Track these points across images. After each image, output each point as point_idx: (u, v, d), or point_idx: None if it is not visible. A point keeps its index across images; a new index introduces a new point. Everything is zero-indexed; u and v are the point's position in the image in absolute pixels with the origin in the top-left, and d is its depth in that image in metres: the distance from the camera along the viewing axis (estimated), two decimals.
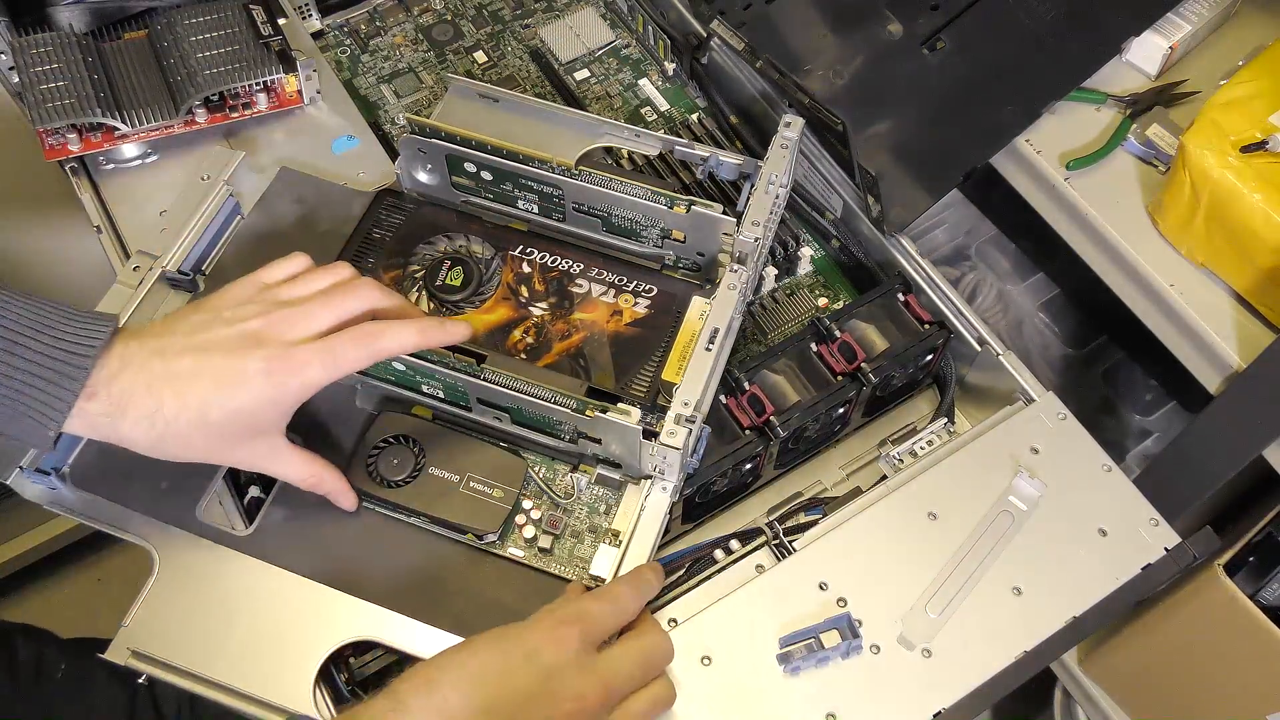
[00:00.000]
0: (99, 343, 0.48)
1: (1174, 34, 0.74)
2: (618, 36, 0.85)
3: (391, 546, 0.57)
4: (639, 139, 0.65)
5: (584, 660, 0.49)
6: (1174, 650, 0.84)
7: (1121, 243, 0.69)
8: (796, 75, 0.70)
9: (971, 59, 0.72)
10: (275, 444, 0.53)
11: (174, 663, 0.53)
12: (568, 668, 0.48)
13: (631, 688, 0.50)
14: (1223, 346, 0.65)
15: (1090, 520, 0.58)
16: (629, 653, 0.51)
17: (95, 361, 0.48)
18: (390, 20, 0.87)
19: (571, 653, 0.48)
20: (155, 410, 0.49)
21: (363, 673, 0.55)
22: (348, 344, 0.51)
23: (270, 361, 0.50)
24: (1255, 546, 0.76)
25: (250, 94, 0.72)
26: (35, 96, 0.68)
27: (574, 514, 0.58)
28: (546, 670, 0.48)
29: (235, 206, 0.68)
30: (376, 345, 0.52)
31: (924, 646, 0.54)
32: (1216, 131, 0.64)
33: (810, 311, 0.71)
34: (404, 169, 0.67)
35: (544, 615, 0.50)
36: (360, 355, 0.52)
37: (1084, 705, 0.98)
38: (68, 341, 0.48)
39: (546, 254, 0.65)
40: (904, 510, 0.58)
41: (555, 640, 0.49)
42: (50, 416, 0.47)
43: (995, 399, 0.65)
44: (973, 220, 1.02)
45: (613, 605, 0.52)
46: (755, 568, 0.57)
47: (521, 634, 0.49)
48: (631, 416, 0.54)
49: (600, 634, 0.50)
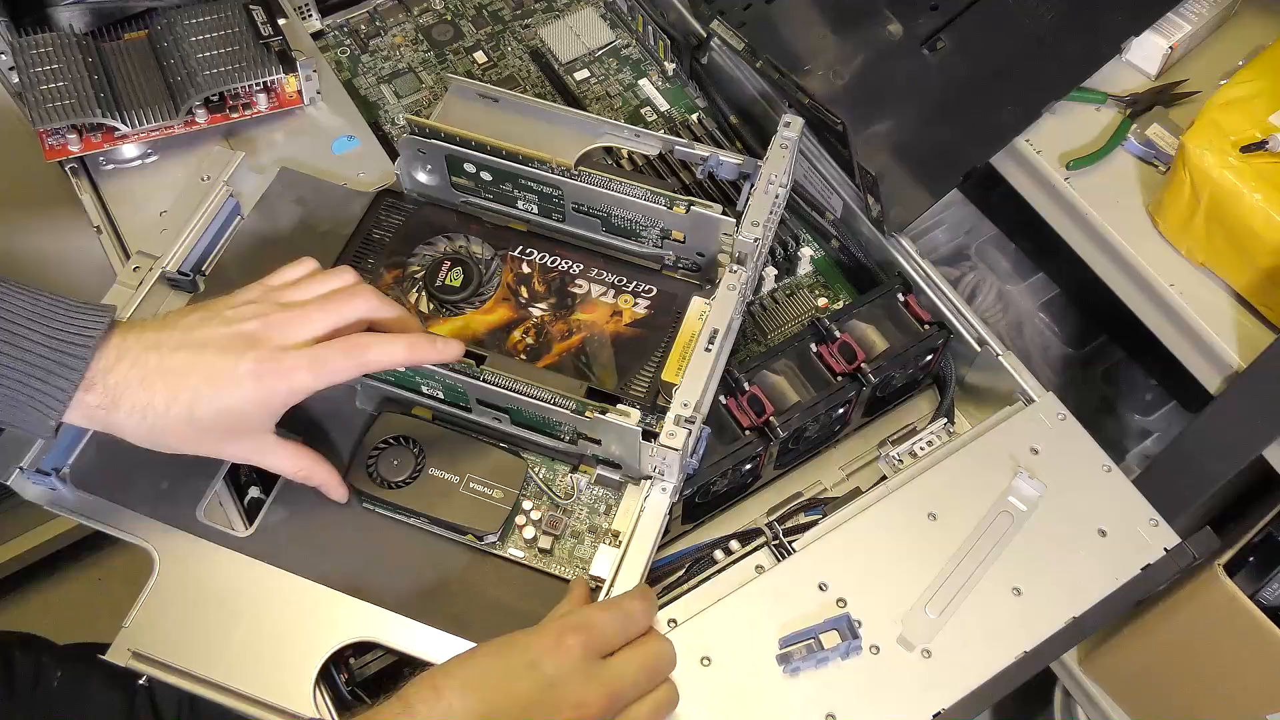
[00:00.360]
0: (97, 333, 0.49)
1: (1174, 34, 0.74)
2: (618, 36, 0.85)
3: (391, 547, 0.57)
4: (639, 139, 0.65)
5: (587, 668, 0.49)
6: (1174, 650, 0.84)
7: (1121, 243, 0.69)
8: (796, 75, 0.70)
9: (971, 59, 0.72)
10: (264, 439, 0.54)
11: (174, 663, 0.53)
12: (571, 676, 0.48)
13: (635, 695, 0.50)
14: (1223, 346, 0.65)
15: (1090, 520, 0.58)
16: (633, 660, 0.51)
17: (94, 352, 0.49)
18: (390, 20, 0.87)
19: (575, 661, 0.48)
20: (147, 403, 0.50)
21: (363, 673, 0.55)
22: (336, 354, 0.52)
23: (260, 364, 0.50)
24: (1255, 546, 0.76)
25: (250, 94, 0.72)
26: (35, 97, 0.68)
27: (574, 514, 0.58)
28: (550, 678, 0.48)
29: (235, 207, 0.68)
30: (364, 357, 0.53)
31: (924, 647, 0.54)
32: (1216, 131, 0.64)
33: (810, 311, 0.71)
34: (404, 169, 0.67)
35: (550, 623, 0.51)
36: (347, 366, 0.52)
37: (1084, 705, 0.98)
38: (67, 332, 0.49)
39: (546, 254, 0.65)
40: (904, 511, 0.58)
41: (559, 648, 0.49)
42: (51, 406, 0.48)
43: (995, 399, 0.65)
44: (973, 220, 1.01)
45: (622, 616, 0.52)
46: (755, 568, 0.57)
47: (526, 641, 0.49)
48: (631, 417, 0.54)
49: (605, 644, 0.50)
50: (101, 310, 0.50)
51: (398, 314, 0.56)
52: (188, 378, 0.50)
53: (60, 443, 0.58)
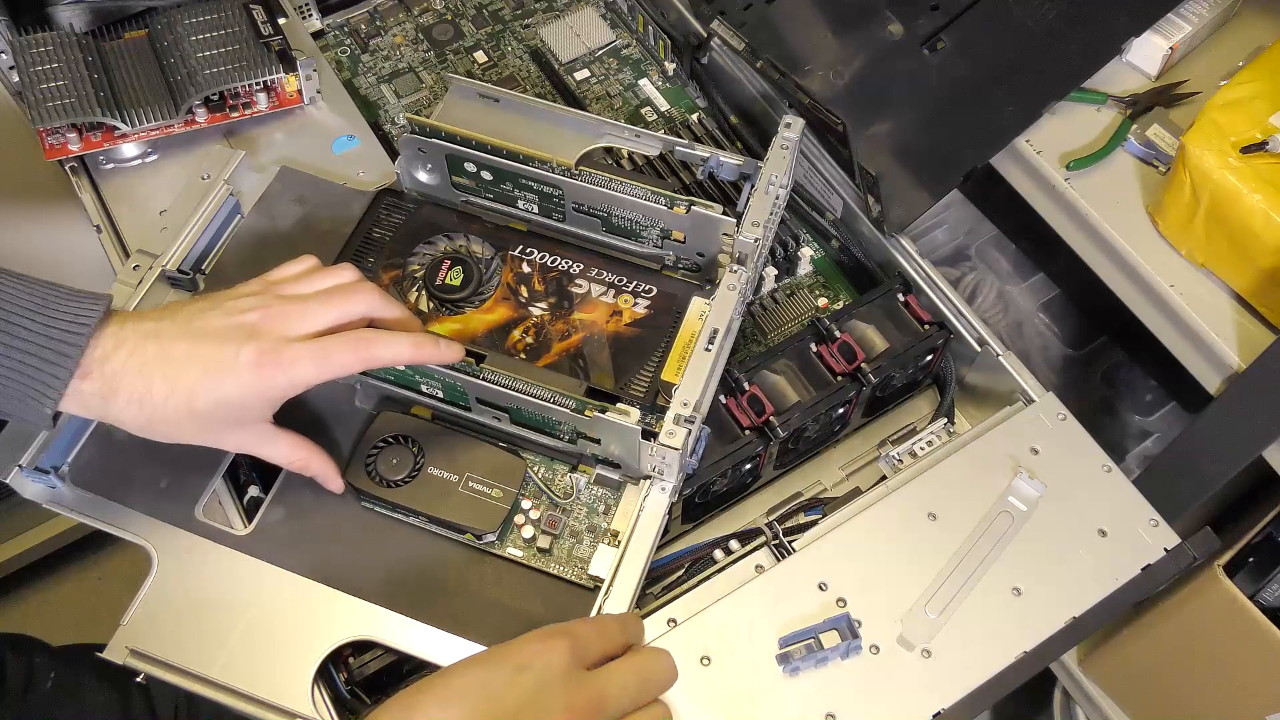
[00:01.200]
0: (92, 320, 0.49)
1: (1174, 34, 0.74)
2: (618, 36, 0.85)
3: (390, 546, 0.57)
4: (639, 139, 0.65)
5: (572, 675, 0.48)
6: (1174, 651, 0.84)
7: (1121, 243, 0.69)
8: (797, 75, 0.70)
9: (972, 59, 0.72)
10: (262, 430, 0.54)
11: (172, 661, 0.53)
12: (555, 682, 0.47)
13: (626, 706, 0.49)
14: (1223, 347, 0.65)
15: (1090, 521, 0.58)
16: (624, 669, 0.50)
17: (89, 340, 0.48)
18: (390, 20, 0.87)
19: (559, 667, 0.47)
20: (145, 392, 0.49)
21: (362, 672, 0.55)
22: (341, 347, 0.52)
23: (262, 354, 0.50)
24: (1255, 547, 0.76)
25: (250, 94, 0.72)
26: (35, 96, 0.68)
27: (573, 514, 0.58)
28: (533, 684, 0.47)
29: (235, 206, 0.68)
30: (370, 352, 0.52)
31: (924, 647, 0.54)
32: (1217, 132, 0.64)
33: (810, 311, 0.71)
34: (404, 169, 0.67)
35: (531, 633, 0.49)
36: (352, 360, 0.52)
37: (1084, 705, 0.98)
38: (63, 320, 0.48)
39: (546, 254, 0.65)
40: (904, 511, 0.58)
41: (543, 654, 0.48)
42: (47, 395, 0.48)
43: (995, 399, 0.65)
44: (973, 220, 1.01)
45: (600, 629, 0.51)
46: (755, 568, 0.57)
47: (507, 650, 0.48)
48: (630, 417, 0.54)
49: (588, 654, 0.49)
50: (97, 298, 0.50)
51: (399, 313, 0.56)
52: (187, 367, 0.50)
53: (59, 441, 0.58)
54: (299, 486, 0.58)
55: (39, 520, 1.21)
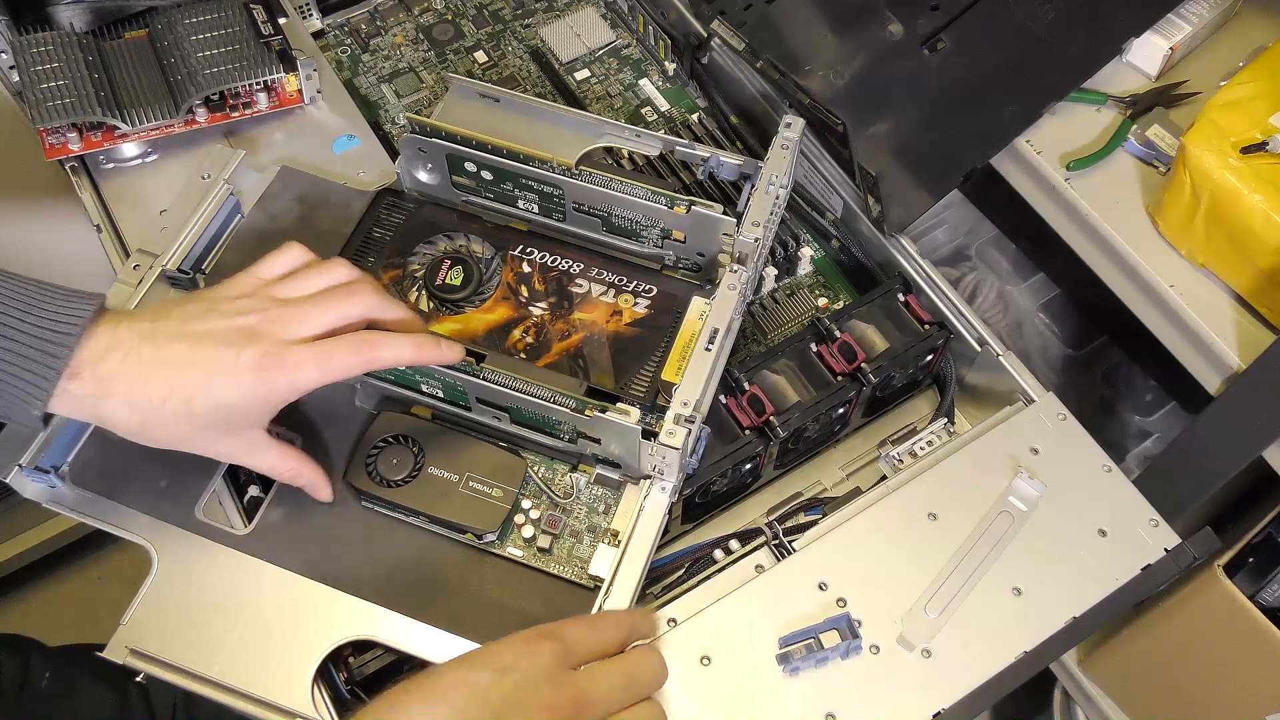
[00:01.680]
0: (83, 320, 0.48)
1: (1174, 35, 0.74)
2: (618, 36, 0.85)
3: (390, 546, 0.57)
4: (639, 139, 0.65)
5: (557, 674, 0.47)
6: (1174, 651, 0.84)
7: (1121, 243, 0.69)
8: (797, 75, 0.70)
9: (972, 59, 0.72)
10: (255, 438, 0.53)
11: (172, 661, 0.53)
12: (539, 681, 0.46)
13: (612, 706, 0.48)
14: (1223, 347, 0.65)
15: (1090, 521, 0.58)
16: (611, 669, 0.49)
17: (79, 340, 0.47)
18: (390, 20, 0.87)
19: (544, 667, 0.47)
20: (140, 395, 0.48)
21: (362, 672, 0.55)
22: (344, 350, 0.51)
23: (263, 358, 0.50)
24: (1255, 547, 0.76)
25: (250, 93, 0.72)
26: (35, 95, 0.68)
27: (573, 514, 0.58)
28: (517, 684, 0.46)
29: (235, 205, 0.68)
30: (372, 355, 0.52)
31: (924, 647, 0.54)
32: (1217, 132, 0.64)
33: (810, 311, 0.71)
34: (404, 168, 0.67)
35: (518, 634, 0.49)
36: (354, 363, 0.52)
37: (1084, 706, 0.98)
38: (52, 319, 0.47)
39: (546, 254, 0.65)
40: (904, 510, 0.58)
41: (527, 654, 0.47)
42: (35, 395, 0.47)
43: (995, 399, 0.65)
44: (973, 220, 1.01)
45: (591, 629, 0.50)
46: (755, 568, 0.57)
47: (492, 650, 0.48)
48: (631, 416, 0.54)
49: (575, 654, 0.49)
50: (88, 298, 0.49)
51: (398, 313, 0.55)
52: (186, 369, 0.49)
53: (59, 440, 0.58)
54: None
55: (39, 520, 1.21)
